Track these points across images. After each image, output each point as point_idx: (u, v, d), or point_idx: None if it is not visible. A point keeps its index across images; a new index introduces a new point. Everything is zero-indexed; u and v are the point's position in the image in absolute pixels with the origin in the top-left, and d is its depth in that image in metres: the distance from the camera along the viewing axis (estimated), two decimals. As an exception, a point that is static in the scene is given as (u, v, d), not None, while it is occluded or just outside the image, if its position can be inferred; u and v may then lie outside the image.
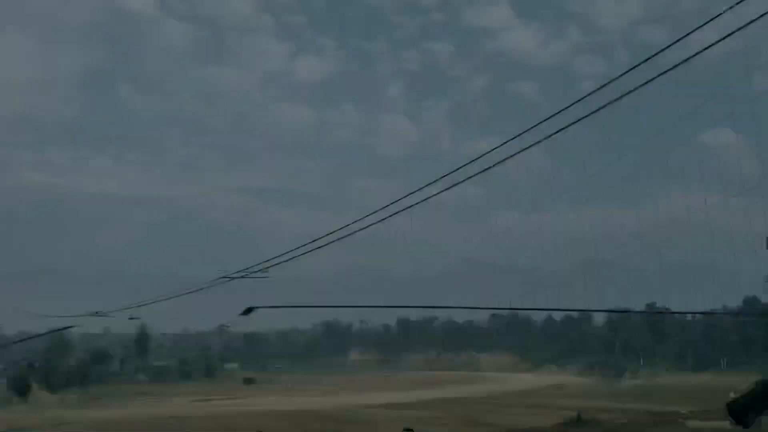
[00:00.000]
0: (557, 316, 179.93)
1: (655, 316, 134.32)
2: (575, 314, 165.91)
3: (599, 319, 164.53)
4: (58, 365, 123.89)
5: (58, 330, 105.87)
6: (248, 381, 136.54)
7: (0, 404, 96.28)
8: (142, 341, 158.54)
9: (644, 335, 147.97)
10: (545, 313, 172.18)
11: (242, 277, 57.42)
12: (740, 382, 26.49)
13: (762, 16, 16.73)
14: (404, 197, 33.26)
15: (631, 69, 21.52)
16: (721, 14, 18.62)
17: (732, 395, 2.00)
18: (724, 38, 18.97)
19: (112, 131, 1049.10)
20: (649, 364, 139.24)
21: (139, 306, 75.28)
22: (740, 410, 1.81)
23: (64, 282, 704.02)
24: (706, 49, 19.22)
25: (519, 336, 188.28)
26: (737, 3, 17.39)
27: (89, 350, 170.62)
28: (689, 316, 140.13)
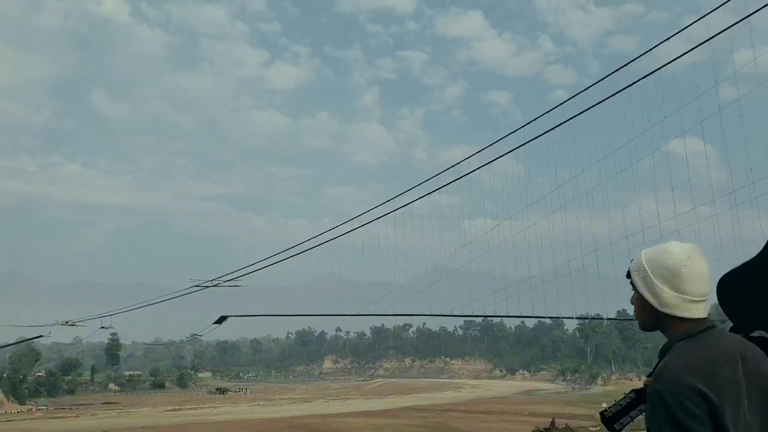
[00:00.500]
0: (530, 323, 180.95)
1: (626, 322, 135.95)
2: (547, 321, 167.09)
3: (571, 325, 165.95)
4: (26, 375, 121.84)
5: (28, 339, 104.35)
6: (221, 390, 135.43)
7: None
8: (113, 351, 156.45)
9: (615, 341, 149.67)
10: (518, 320, 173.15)
11: (215, 286, 57.13)
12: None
13: (726, 29, 17.17)
14: (379, 206, 33.37)
15: (601, 80, 21.94)
16: (687, 27, 19.07)
17: (604, 405, 2.14)
18: (691, 50, 19.45)
19: (84, 138, 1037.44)
20: (621, 369, 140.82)
21: (111, 315, 74.72)
22: (611, 417, 1.99)
23: (34, 290, 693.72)
24: (673, 60, 19.70)
25: (492, 343, 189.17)
26: (703, 16, 17.86)
27: (59, 360, 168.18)
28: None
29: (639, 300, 2.23)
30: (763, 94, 22.27)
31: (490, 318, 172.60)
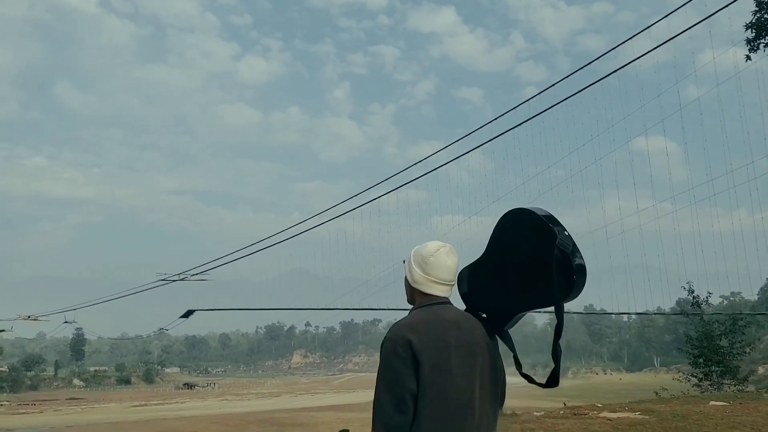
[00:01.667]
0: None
1: (593, 317, 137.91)
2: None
3: (540, 320, 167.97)
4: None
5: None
6: (188, 385, 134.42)
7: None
8: (77, 346, 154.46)
9: (582, 336, 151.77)
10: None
11: (181, 280, 56.50)
12: (668, 379, 27.33)
13: (689, 29, 17.33)
14: (348, 200, 33.22)
15: (567, 76, 22.01)
16: (652, 25, 19.23)
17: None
18: (654, 48, 19.59)
19: (49, 130, 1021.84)
20: (587, 363, 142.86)
21: (75, 309, 73.45)
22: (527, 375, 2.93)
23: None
24: (637, 58, 19.82)
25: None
26: (665, 16, 18.00)
27: (22, 355, 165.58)
28: (625, 318, 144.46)
29: (405, 279, 2.86)
30: (723, 94, 22.59)
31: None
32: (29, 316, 65.82)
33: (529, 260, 2.67)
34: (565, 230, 2.63)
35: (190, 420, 60.04)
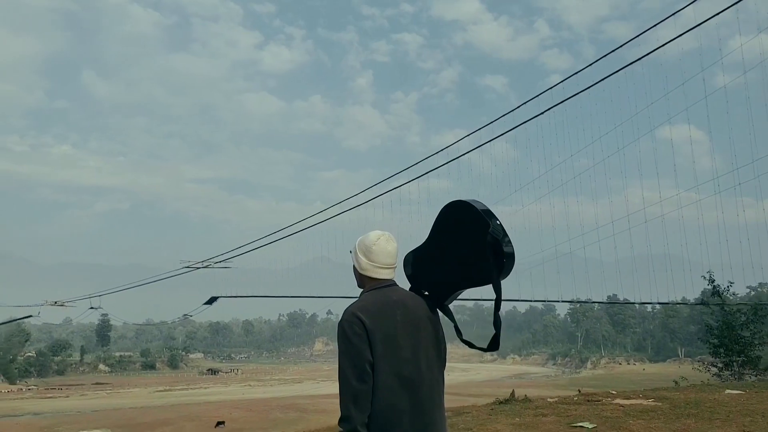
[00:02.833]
0: (521, 307, 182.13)
1: (616, 307, 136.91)
2: (539, 306, 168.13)
3: (562, 310, 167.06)
4: (16, 355, 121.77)
5: (17, 320, 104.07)
6: (212, 371, 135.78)
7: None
8: (103, 331, 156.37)
9: (605, 326, 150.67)
10: (509, 304, 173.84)
11: (205, 267, 56.88)
12: (692, 370, 27.07)
13: (716, 15, 17.04)
14: (370, 188, 33.18)
15: (591, 64, 21.76)
16: (678, 12, 18.90)
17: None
18: (681, 35, 19.28)
19: (75, 119, 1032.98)
20: (610, 354, 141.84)
21: (100, 295, 74.51)
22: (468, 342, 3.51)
23: (24, 271, 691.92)
24: (663, 45, 19.54)
25: (482, 328, 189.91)
26: (694, 0, 17.69)
27: (49, 340, 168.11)
28: (649, 308, 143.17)
29: (353, 267, 3.17)
30: (750, 82, 22.17)
31: (480, 303, 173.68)
32: (56, 302, 66.92)
33: (467, 246, 3.04)
34: (498, 221, 2.98)
35: (213, 405, 60.65)
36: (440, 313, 3.32)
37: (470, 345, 3.46)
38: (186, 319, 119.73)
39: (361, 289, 3.18)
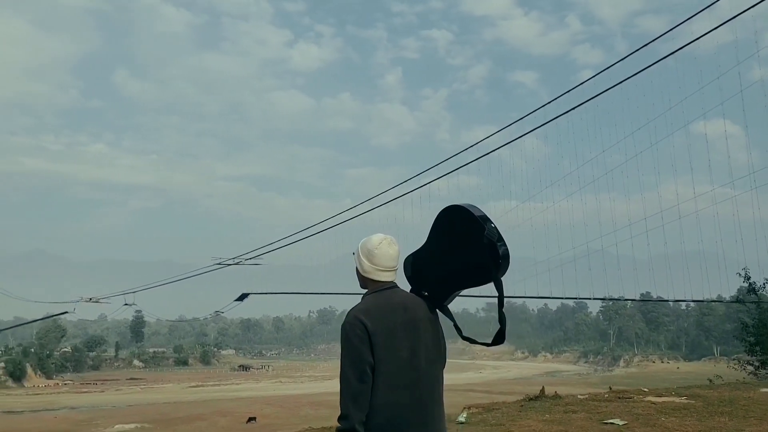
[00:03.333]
0: (553, 305, 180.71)
1: (650, 305, 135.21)
2: (571, 303, 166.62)
3: (594, 308, 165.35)
4: (53, 350, 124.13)
5: (53, 316, 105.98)
6: (243, 367, 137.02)
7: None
8: (137, 327, 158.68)
9: (638, 324, 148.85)
10: (541, 301, 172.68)
11: (236, 263, 57.39)
12: (726, 369, 26.68)
13: (753, 6, 16.71)
14: (399, 185, 33.17)
15: (623, 59, 21.48)
16: (713, 4, 18.58)
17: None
18: (716, 28, 18.95)
19: (109, 118, 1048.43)
20: (643, 352, 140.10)
21: (134, 292, 75.42)
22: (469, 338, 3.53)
23: (59, 268, 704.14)
24: (697, 39, 19.21)
25: (514, 325, 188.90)
26: (728, -7, 17.38)
27: (84, 336, 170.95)
28: (683, 306, 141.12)
29: (356, 269, 3.31)
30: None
31: (512, 301, 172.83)
32: (91, 299, 67.85)
33: (464, 248, 3.20)
34: (492, 224, 3.14)
35: (245, 401, 61.31)
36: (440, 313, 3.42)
37: (472, 341, 3.52)
38: (218, 316, 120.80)
39: (365, 290, 3.32)
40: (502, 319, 3.20)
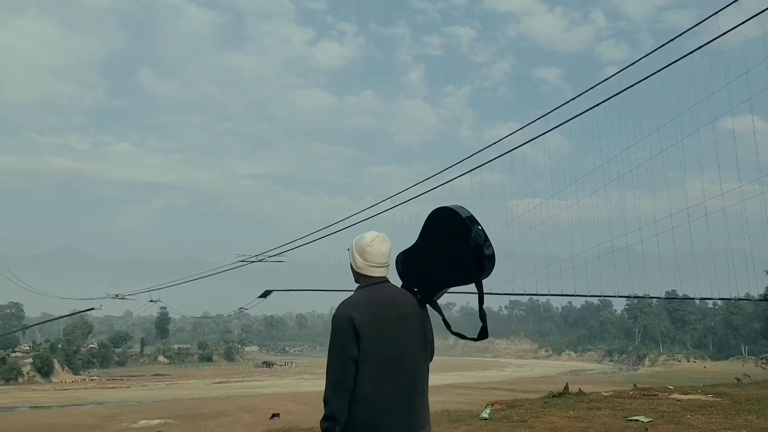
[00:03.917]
0: (577, 303, 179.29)
1: (676, 303, 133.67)
2: (595, 301, 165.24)
3: (619, 306, 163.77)
4: (80, 346, 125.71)
5: (80, 312, 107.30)
6: (267, 364, 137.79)
7: (25, 383, 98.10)
8: (162, 324, 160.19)
9: (664, 322, 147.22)
10: (565, 299, 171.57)
11: (259, 261, 57.71)
12: (754, 368, 26.32)
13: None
14: (421, 182, 33.11)
15: (648, 54, 21.24)
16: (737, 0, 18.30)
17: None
18: (744, 22, 18.68)
19: (133, 117, 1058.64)
20: (669, 351, 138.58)
21: (159, 289, 76.17)
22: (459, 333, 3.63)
23: (85, 265, 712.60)
24: (724, 33, 18.94)
25: (538, 323, 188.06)
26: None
27: (111, 332, 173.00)
28: (710, 304, 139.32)
29: (350, 264, 3.46)
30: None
31: (535, 298, 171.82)
32: (117, 295, 68.60)
33: (452, 248, 3.34)
34: (480, 226, 3.29)
35: (269, 398, 61.67)
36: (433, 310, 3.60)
37: (461, 336, 3.66)
38: (241, 313, 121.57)
39: (357, 284, 3.48)
40: (482, 316, 3.42)
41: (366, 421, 3.19)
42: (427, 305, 3.53)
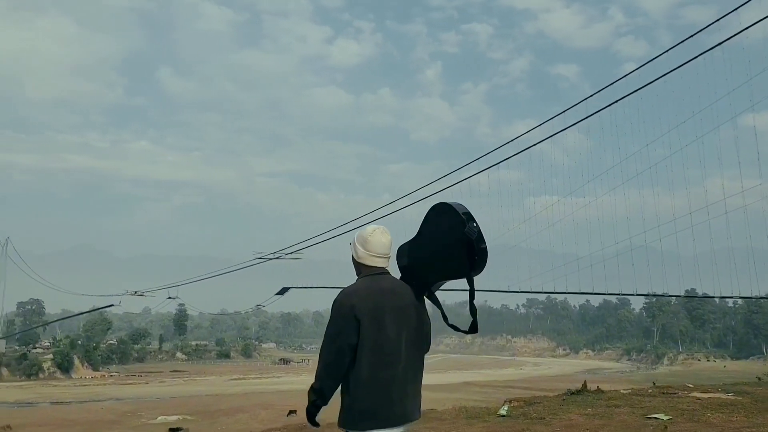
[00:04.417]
0: (595, 301, 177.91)
1: (695, 301, 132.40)
2: (613, 300, 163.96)
3: (637, 304, 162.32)
4: (99, 343, 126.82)
5: (100, 309, 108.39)
6: (284, 360, 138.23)
7: (45, 379, 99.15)
8: (180, 321, 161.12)
9: (683, 321, 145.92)
10: (582, 298, 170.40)
11: (276, 258, 57.99)
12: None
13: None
14: (438, 180, 33.08)
15: (667, 50, 21.05)
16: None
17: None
18: (765, 18, 18.44)
19: (152, 115, 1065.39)
20: (688, 350, 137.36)
21: (177, 286, 76.93)
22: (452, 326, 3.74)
23: (105, 262, 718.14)
24: (745, 29, 18.72)
25: (556, 321, 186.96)
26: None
27: (129, 329, 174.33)
28: (730, 303, 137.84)
29: (352, 256, 3.61)
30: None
31: (553, 297, 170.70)
32: (136, 292, 69.38)
33: (449, 243, 3.46)
34: (474, 222, 3.40)
35: (286, 394, 61.79)
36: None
37: (455, 328, 3.74)
38: (259, 310, 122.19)
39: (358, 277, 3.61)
40: (473, 310, 3.54)
41: (365, 404, 3.36)
42: (425, 297, 3.66)
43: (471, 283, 3.45)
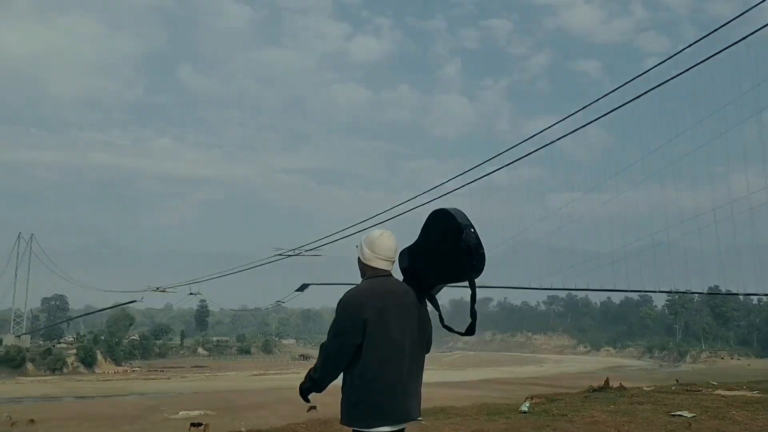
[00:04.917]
0: (616, 298, 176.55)
1: (718, 299, 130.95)
2: (635, 297, 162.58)
3: (659, 301, 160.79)
4: (122, 338, 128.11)
5: (122, 304, 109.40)
6: (304, 357, 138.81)
7: (69, 373, 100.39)
8: (201, 317, 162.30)
9: (706, 319, 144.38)
10: (604, 295, 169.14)
11: (297, 255, 58.10)
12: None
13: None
14: (458, 176, 32.95)
15: (690, 45, 20.80)
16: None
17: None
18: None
19: (173, 112, 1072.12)
20: (712, 348, 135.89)
21: (199, 282, 77.36)
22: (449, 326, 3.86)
23: (127, 258, 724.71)
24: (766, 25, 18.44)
25: (576, 318, 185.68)
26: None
27: (151, 324, 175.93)
28: (755, 300, 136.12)
29: (358, 258, 3.76)
30: None
31: (574, 294, 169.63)
32: (158, 288, 69.94)
33: (448, 248, 3.61)
34: (473, 229, 3.57)
35: (306, 390, 62.10)
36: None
37: (450, 329, 3.88)
38: (279, 306, 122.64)
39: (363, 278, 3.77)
40: (473, 314, 3.69)
41: (371, 401, 3.50)
42: (426, 299, 3.82)
43: (473, 287, 3.63)
